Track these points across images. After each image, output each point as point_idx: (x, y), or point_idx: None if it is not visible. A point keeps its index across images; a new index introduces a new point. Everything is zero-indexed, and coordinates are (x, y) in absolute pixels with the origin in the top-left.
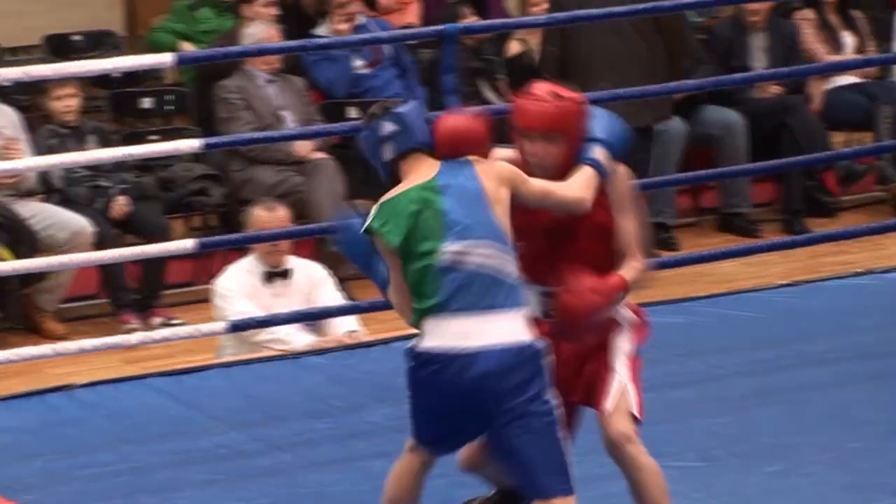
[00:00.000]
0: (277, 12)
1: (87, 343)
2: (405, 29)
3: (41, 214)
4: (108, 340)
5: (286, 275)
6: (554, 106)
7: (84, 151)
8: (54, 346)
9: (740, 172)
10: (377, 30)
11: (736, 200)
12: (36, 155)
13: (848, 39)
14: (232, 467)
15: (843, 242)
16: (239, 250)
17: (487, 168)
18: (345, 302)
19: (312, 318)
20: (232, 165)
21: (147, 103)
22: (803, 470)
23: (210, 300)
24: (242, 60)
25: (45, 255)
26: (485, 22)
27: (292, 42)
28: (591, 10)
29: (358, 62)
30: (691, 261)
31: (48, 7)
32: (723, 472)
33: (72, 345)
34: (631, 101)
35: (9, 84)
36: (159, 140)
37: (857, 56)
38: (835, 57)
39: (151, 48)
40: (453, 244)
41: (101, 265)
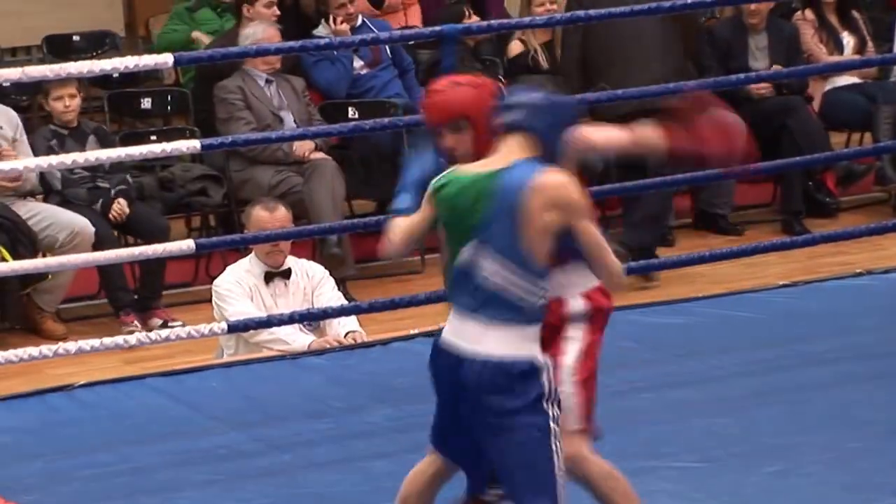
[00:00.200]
0: (277, 13)
1: (87, 343)
2: (405, 29)
3: (41, 215)
4: (108, 341)
5: (286, 275)
6: (451, 93)
7: (84, 152)
8: (54, 347)
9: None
10: (376, 31)
11: (717, 201)
12: (35, 155)
13: (847, 40)
14: (232, 468)
15: (843, 243)
16: (239, 250)
17: (548, 184)
18: (344, 302)
19: (312, 319)
20: (231, 166)
21: (147, 104)
22: (803, 470)
23: (209, 300)
24: (242, 61)
25: (45, 256)
26: (484, 22)
27: (292, 42)
28: (591, 11)
29: (357, 63)
30: (691, 261)
31: (48, 7)
32: (723, 473)
33: (71, 345)
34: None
35: (8, 84)
36: (159, 140)
37: (857, 57)
38: (834, 58)
39: (165, 51)
40: (472, 248)
41: (100, 267)
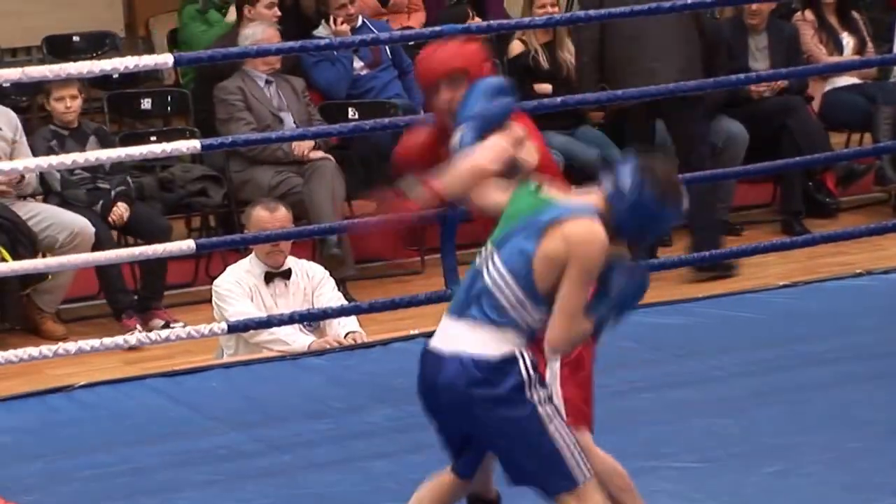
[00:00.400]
0: (278, 13)
1: (87, 344)
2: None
3: (41, 215)
4: (108, 341)
5: (286, 275)
6: (449, 47)
7: (83, 153)
8: (54, 347)
9: (741, 174)
10: (376, 31)
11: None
12: (35, 156)
13: (847, 41)
14: (231, 468)
15: (843, 243)
16: (239, 251)
17: (576, 233)
18: (344, 303)
19: (312, 319)
20: (231, 166)
21: (147, 104)
22: (803, 470)
23: (209, 301)
24: (242, 61)
25: (45, 256)
26: (483, 23)
27: (292, 43)
28: (591, 13)
29: (357, 63)
30: (691, 262)
31: (48, 8)
32: (722, 473)
33: (71, 346)
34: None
35: (8, 85)
36: (159, 141)
37: (857, 57)
38: (834, 58)
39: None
40: (485, 252)
41: (99, 269)
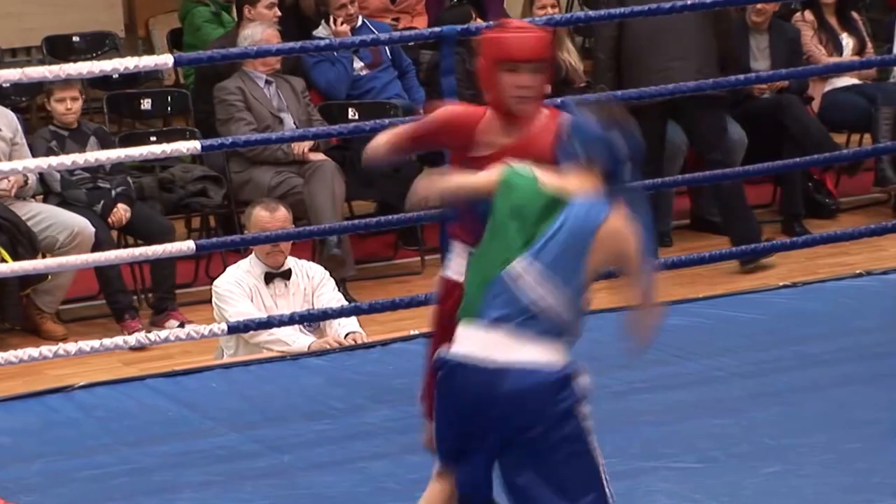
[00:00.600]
0: (279, 14)
1: (87, 344)
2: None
3: (41, 215)
4: (108, 342)
5: (286, 276)
6: (542, 33)
7: (83, 153)
8: (54, 348)
9: (740, 174)
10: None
11: (715, 210)
12: (35, 156)
13: (847, 41)
14: (231, 468)
15: (842, 244)
16: (239, 251)
17: (615, 232)
18: (344, 303)
19: (312, 320)
20: (231, 167)
21: (147, 105)
22: (802, 471)
23: (209, 301)
24: (242, 62)
25: (45, 257)
26: (483, 23)
27: (292, 43)
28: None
29: (357, 64)
30: (691, 262)
31: (48, 8)
32: (722, 474)
33: (71, 346)
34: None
35: (8, 85)
36: (159, 141)
37: (856, 58)
38: (834, 59)
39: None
40: (523, 261)
41: (98, 269)
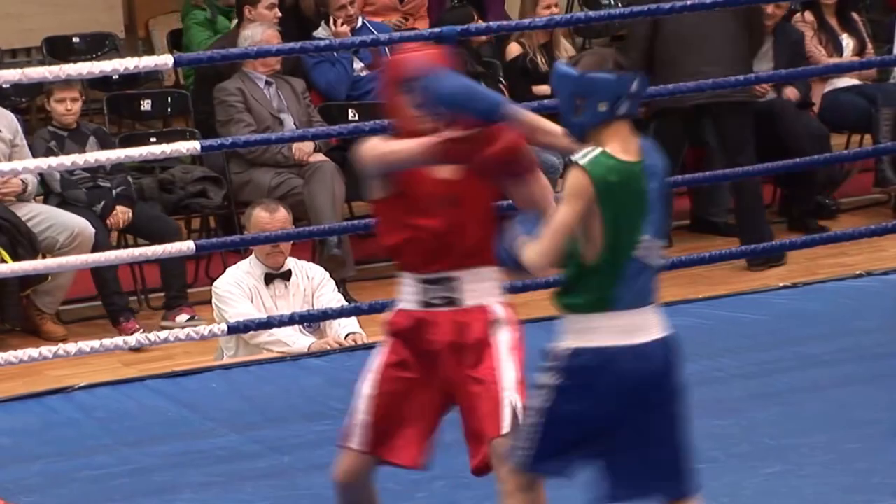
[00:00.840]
0: (279, 14)
1: (87, 345)
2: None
3: (40, 216)
4: (108, 342)
5: (286, 276)
6: (436, 51)
7: (83, 153)
8: (54, 349)
9: (740, 175)
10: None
11: (713, 210)
12: (35, 156)
13: (847, 42)
14: (231, 469)
15: (843, 244)
16: (239, 252)
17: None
18: (345, 304)
19: (312, 321)
20: (231, 167)
21: (146, 105)
22: (803, 471)
23: (209, 302)
24: (242, 62)
25: (45, 257)
26: (483, 24)
27: (292, 44)
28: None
29: (357, 64)
30: (691, 262)
31: (48, 9)
32: (722, 474)
33: (71, 347)
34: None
35: (8, 86)
36: (159, 142)
37: (856, 59)
38: (834, 60)
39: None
40: (648, 240)
41: (95, 271)
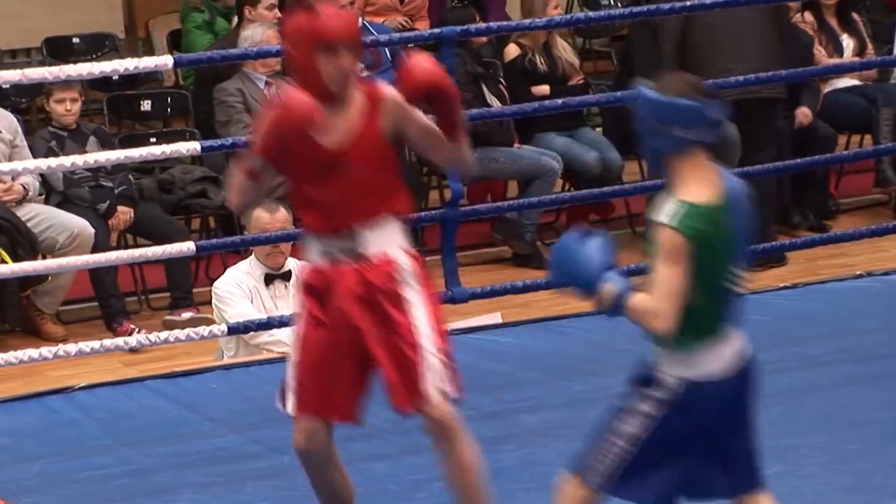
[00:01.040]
0: (279, 15)
1: (87, 345)
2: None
3: (40, 216)
4: (108, 343)
5: (286, 277)
6: (353, 15)
7: (83, 154)
8: (54, 349)
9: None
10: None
11: None
12: (35, 157)
13: (847, 42)
14: (231, 469)
15: (843, 245)
16: (239, 252)
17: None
18: None
19: None
20: (231, 168)
21: (146, 106)
22: (803, 472)
23: (209, 302)
24: (242, 63)
25: (45, 258)
26: (482, 25)
27: None
28: (591, 13)
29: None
30: None
31: (48, 10)
32: None
33: (71, 347)
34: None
35: (8, 87)
36: (158, 142)
37: (857, 59)
38: (834, 60)
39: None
40: (737, 268)
41: (92, 273)
